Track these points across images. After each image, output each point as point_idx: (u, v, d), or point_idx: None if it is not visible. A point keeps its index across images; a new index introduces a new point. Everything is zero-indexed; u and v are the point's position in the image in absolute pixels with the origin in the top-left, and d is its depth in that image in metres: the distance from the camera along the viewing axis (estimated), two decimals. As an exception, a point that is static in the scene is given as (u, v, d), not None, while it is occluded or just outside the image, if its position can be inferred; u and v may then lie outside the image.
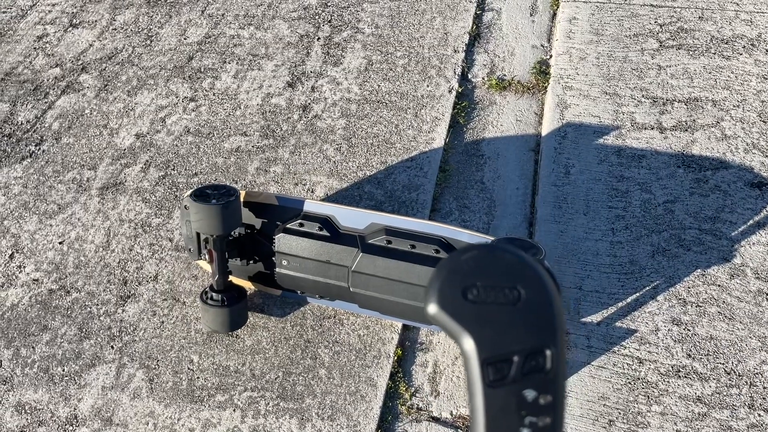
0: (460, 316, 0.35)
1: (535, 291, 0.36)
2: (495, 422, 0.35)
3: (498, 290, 0.36)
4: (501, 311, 0.35)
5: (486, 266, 0.36)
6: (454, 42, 2.02)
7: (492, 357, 0.35)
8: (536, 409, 0.35)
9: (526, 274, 0.36)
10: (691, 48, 1.92)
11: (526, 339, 0.35)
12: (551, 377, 0.35)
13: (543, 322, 0.35)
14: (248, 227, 1.39)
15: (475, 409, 0.35)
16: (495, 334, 0.35)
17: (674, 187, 1.59)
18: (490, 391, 0.35)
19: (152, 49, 2.11)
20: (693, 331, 1.36)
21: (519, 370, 0.35)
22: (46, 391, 1.36)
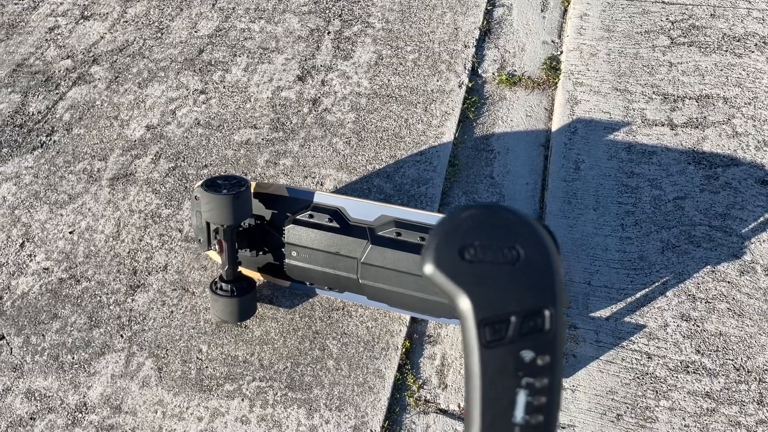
0: (457, 276, 0.35)
1: (534, 251, 0.35)
2: (491, 383, 0.34)
3: (496, 250, 0.35)
4: (499, 271, 0.34)
5: (484, 226, 0.35)
6: (464, 37, 2.02)
7: (489, 317, 0.34)
8: (534, 369, 0.34)
9: (526, 234, 0.35)
10: (703, 45, 1.91)
11: (525, 299, 0.34)
12: (550, 338, 0.34)
13: (542, 282, 0.35)
14: (258, 218, 1.40)
15: (471, 371, 0.35)
16: (492, 294, 0.34)
17: (684, 183, 1.58)
18: (487, 351, 0.34)
19: (163, 42, 2.12)
20: (702, 327, 1.35)
21: (517, 331, 0.34)
22: (55, 378, 1.37)
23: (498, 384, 0.34)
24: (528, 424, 0.34)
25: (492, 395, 0.34)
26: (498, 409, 0.34)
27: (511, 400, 0.34)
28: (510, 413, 0.34)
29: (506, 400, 0.34)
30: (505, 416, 0.34)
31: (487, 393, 0.34)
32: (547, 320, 0.34)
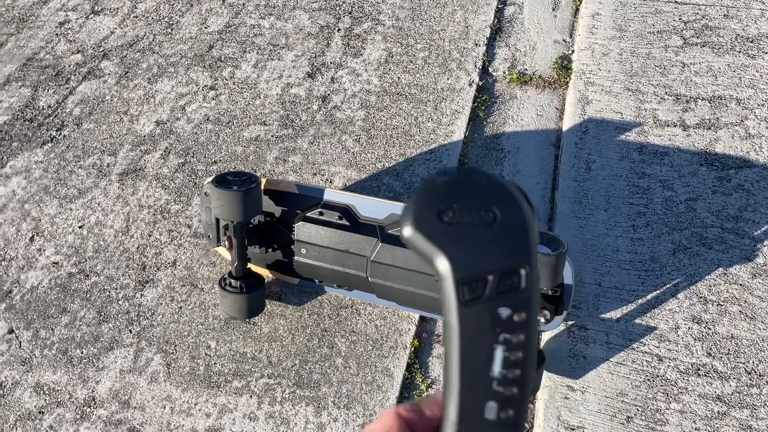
0: (436, 238, 0.36)
1: (510, 212, 0.36)
2: (470, 340, 0.35)
3: (473, 212, 0.36)
4: (476, 232, 0.35)
5: (462, 189, 0.36)
6: (475, 35, 2.01)
7: (467, 277, 0.35)
8: (510, 326, 0.35)
9: (502, 196, 0.36)
10: (716, 46, 1.90)
11: (501, 258, 0.35)
12: (525, 295, 0.35)
13: (518, 242, 0.35)
14: (268, 215, 1.39)
15: (450, 328, 0.36)
16: (470, 255, 0.35)
17: (696, 185, 1.57)
18: (465, 309, 0.35)
19: (173, 37, 2.12)
20: (713, 329, 1.34)
21: (494, 289, 0.35)
22: (64, 372, 1.37)
23: (476, 340, 0.35)
24: (505, 378, 0.35)
25: (470, 351, 0.35)
26: (476, 364, 0.35)
27: (488, 356, 0.35)
28: (488, 368, 0.35)
29: (484, 355, 0.35)
30: (483, 371, 0.35)
31: (465, 349, 0.35)
32: (523, 279, 0.35)
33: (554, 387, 1.28)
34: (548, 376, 1.29)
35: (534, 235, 0.36)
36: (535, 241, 0.36)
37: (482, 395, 0.35)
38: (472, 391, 0.35)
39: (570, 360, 1.31)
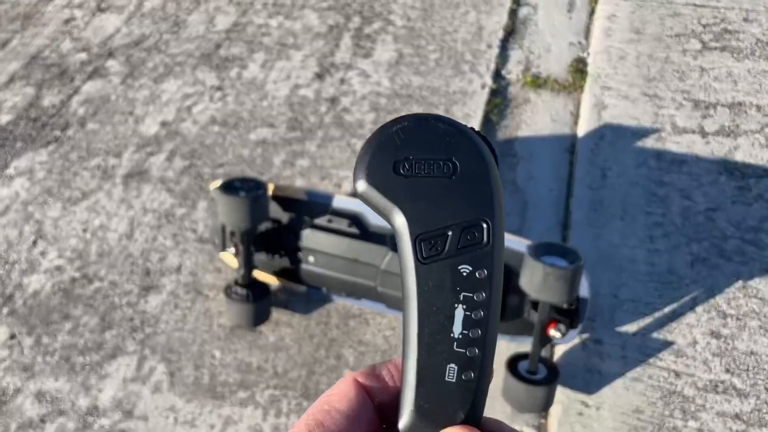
0: (391, 192, 0.33)
1: (470, 162, 0.33)
2: (429, 299, 0.33)
3: (431, 163, 0.33)
4: (434, 185, 0.33)
5: (418, 138, 0.33)
6: (488, 37, 1.97)
7: (425, 233, 0.33)
8: (472, 284, 0.33)
9: (462, 145, 0.33)
10: (736, 50, 1.85)
11: (462, 212, 0.33)
12: (487, 251, 0.33)
13: (479, 194, 0.33)
14: (275, 221, 1.36)
15: (407, 288, 0.33)
16: (428, 209, 0.33)
17: (716, 194, 1.53)
18: (423, 267, 0.33)
19: (179, 36, 2.09)
20: (732, 345, 1.31)
21: (454, 245, 0.33)
22: (66, 380, 1.34)
23: (435, 300, 0.32)
24: (466, 338, 0.33)
25: (429, 311, 0.32)
26: (435, 325, 0.32)
27: (449, 316, 0.32)
28: (448, 328, 0.32)
29: (444, 315, 0.32)
30: (443, 332, 0.32)
31: (424, 310, 0.32)
32: (485, 233, 0.33)
33: (568, 402, 1.25)
34: (562, 391, 1.25)
35: (497, 186, 0.33)
36: (498, 192, 0.33)
37: (442, 357, 0.33)
38: (431, 353, 0.33)
39: (584, 375, 1.28)
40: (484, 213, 0.33)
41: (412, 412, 0.33)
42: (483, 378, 0.33)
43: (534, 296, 1.14)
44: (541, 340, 1.17)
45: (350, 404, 0.34)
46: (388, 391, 0.35)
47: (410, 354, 0.33)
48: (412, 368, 0.33)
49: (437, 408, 0.33)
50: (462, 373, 0.33)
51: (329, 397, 0.34)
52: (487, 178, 0.33)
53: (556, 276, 1.09)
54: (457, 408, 0.33)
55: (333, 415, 0.33)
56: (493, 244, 0.33)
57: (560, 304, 1.16)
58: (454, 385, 0.33)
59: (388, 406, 0.35)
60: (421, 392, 0.33)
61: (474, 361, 0.33)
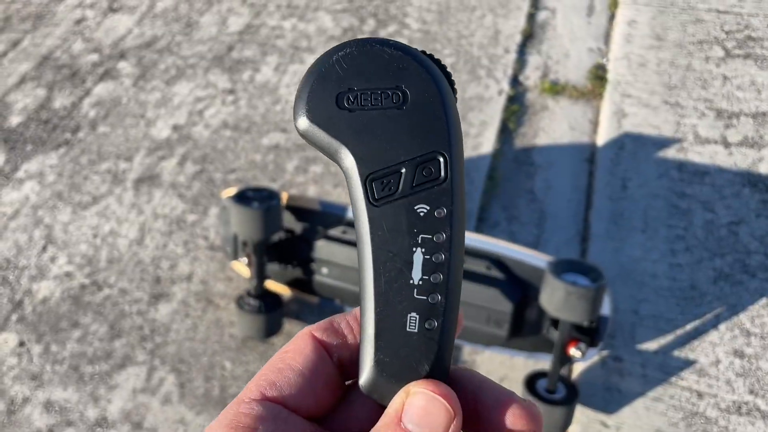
0: (335, 129, 0.30)
1: (422, 90, 0.30)
2: (384, 244, 0.30)
3: (378, 93, 0.30)
4: (383, 117, 0.30)
5: (363, 66, 0.30)
6: (505, 41, 1.93)
7: (376, 171, 0.30)
8: (430, 224, 0.30)
9: (412, 71, 0.30)
10: (759, 58, 1.80)
11: (415, 146, 0.30)
12: (446, 188, 0.30)
13: (433, 124, 0.30)
14: (288, 231, 1.34)
15: (361, 233, 0.30)
16: (378, 145, 0.30)
17: (739, 207, 1.49)
18: (376, 210, 0.30)
19: (191, 38, 2.06)
20: (756, 365, 1.27)
21: (408, 184, 0.30)
22: (75, 390, 1.32)
23: (391, 244, 0.30)
24: (427, 284, 0.30)
25: (385, 258, 0.30)
26: (392, 272, 0.30)
27: (407, 261, 0.30)
28: (406, 275, 0.30)
29: (401, 261, 0.30)
30: (401, 279, 0.30)
31: (379, 256, 0.30)
32: (441, 168, 0.30)
33: (587, 422, 1.21)
34: (581, 411, 1.22)
35: (452, 115, 0.30)
36: (454, 122, 0.30)
37: (401, 306, 0.30)
38: (389, 303, 0.30)
39: (604, 393, 1.24)
40: (439, 146, 0.30)
41: (372, 368, 0.31)
42: (448, 326, 0.31)
43: (554, 315, 1.11)
44: (561, 359, 1.14)
45: (306, 361, 0.31)
46: (347, 346, 0.32)
47: (367, 305, 0.31)
48: (370, 320, 0.31)
49: (399, 361, 0.31)
50: (424, 322, 0.30)
51: (283, 354, 0.31)
52: (441, 107, 0.30)
53: (578, 295, 1.06)
54: (421, 360, 0.31)
55: (287, 374, 0.31)
56: (451, 179, 0.30)
57: (581, 323, 1.13)
58: (416, 335, 0.30)
59: (349, 361, 0.32)
60: (381, 346, 0.31)
61: (436, 309, 0.30)
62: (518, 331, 1.22)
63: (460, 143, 0.31)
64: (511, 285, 1.19)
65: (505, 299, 1.18)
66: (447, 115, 0.30)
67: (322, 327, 0.32)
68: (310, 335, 0.32)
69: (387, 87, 0.30)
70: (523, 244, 1.43)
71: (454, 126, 0.30)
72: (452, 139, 0.30)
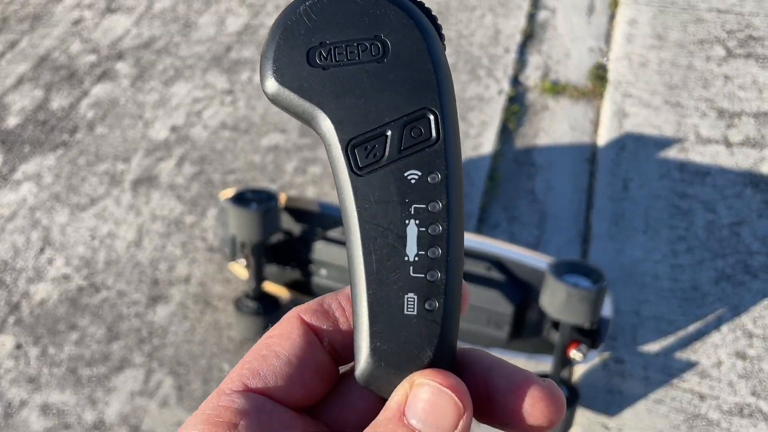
0: (308, 90, 0.26)
1: (405, 38, 0.26)
2: (372, 219, 0.27)
3: (355, 45, 0.26)
4: (362, 73, 0.26)
5: (334, 15, 0.26)
6: (505, 41, 1.93)
7: (358, 136, 0.26)
8: (424, 192, 0.27)
9: (391, 17, 0.26)
10: (761, 58, 1.79)
11: (400, 104, 0.26)
12: (438, 149, 0.26)
13: (419, 77, 0.26)
14: (287, 233, 1.33)
15: (346, 208, 0.27)
16: (358, 106, 0.26)
17: (741, 207, 1.48)
18: (361, 180, 0.27)
19: (190, 39, 2.05)
20: (758, 366, 1.26)
21: (395, 148, 0.27)
22: (73, 393, 1.31)
23: (380, 218, 0.27)
24: (424, 259, 0.27)
25: (374, 233, 0.27)
26: (384, 248, 0.27)
27: (399, 235, 0.27)
28: (400, 251, 0.27)
29: (393, 235, 0.27)
30: (395, 256, 0.27)
31: (368, 232, 0.27)
32: (432, 127, 0.26)
33: (588, 425, 1.21)
34: (582, 413, 1.21)
35: (441, 65, 0.27)
36: (444, 72, 0.27)
37: (397, 287, 0.27)
38: (383, 284, 0.27)
39: (605, 396, 1.23)
40: (428, 101, 0.26)
41: (369, 357, 0.27)
42: (451, 306, 0.27)
43: (555, 317, 1.10)
44: (561, 361, 1.13)
45: (293, 347, 0.28)
46: (339, 329, 0.29)
47: (359, 288, 0.27)
48: (363, 305, 0.27)
49: (399, 348, 0.27)
50: (424, 303, 0.27)
51: (268, 340, 0.28)
52: (428, 56, 0.26)
53: (579, 297, 1.05)
54: (423, 346, 0.27)
55: (271, 362, 0.28)
56: (444, 139, 0.26)
57: (582, 324, 1.12)
58: (415, 318, 0.27)
59: (342, 346, 0.29)
60: (377, 332, 0.27)
61: (437, 287, 0.27)
62: (519, 332, 1.21)
63: (452, 97, 0.27)
64: (511, 287, 1.18)
65: (506, 301, 1.17)
66: (435, 66, 0.27)
67: (311, 309, 0.29)
68: (297, 318, 0.29)
69: (364, 38, 0.26)
70: (523, 245, 1.42)
71: (444, 77, 0.27)
72: (443, 92, 0.27)
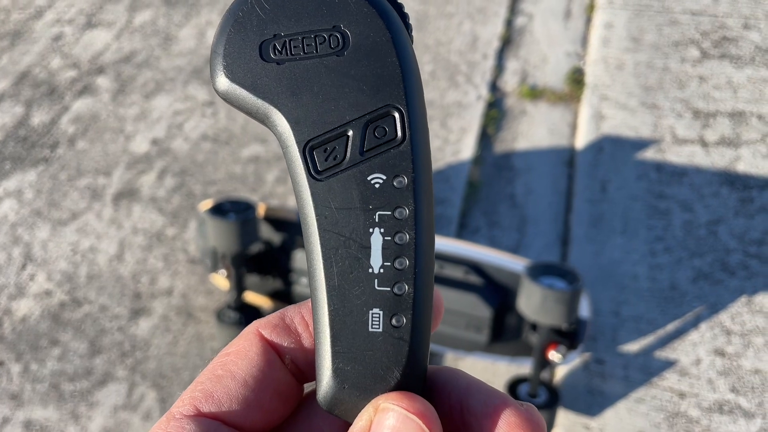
0: (262, 87, 0.24)
1: (366, 28, 0.24)
2: (333, 227, 0.25)
3: (312, 37, 0.24)
4: (320, 67, 0.24)
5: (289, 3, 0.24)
6: (483, 47, 1.94)
7: (316, 137, 0.24)
8: (389, 197, 0.24)
9: (351, 5, 0.24)
10: (735, 58, 1.82)
11: (362, 101, 0.24)
12: (404, 150, 0.24)
13: (383, 72, 0.24)
14: (267, 243, 1.33)
15: (305, 215, 0.25)
16: (316, 104, 0.24)
17: (718, 206, 1.50)
18: (321, 185, 0.24)
19: (170, 52, 2.06)
20: (737, 363, 1.27)
21: (357, 149, 0.25)
22: (56, 408, 1.31)
23: (342, 226, 0.25)
24: (390, 271, 0.25)
25: (335, 243, 0.25)
26: (346, 260, 0.25)
27: (363, 245, 0.25)
28: (364, 263, 0.25)
29: (356, 246, 0.25)
30: (357, 268, 0.25)
31: (328, 242, 0.25)
32: (397, 125, 0.24)
33: (569, 426, 1.21)
34: (563, 414, 1.22)
35: (408, 57, 0.25)
36: (411, 65, 0.25)
37: (361, 301, 0.25)
38: (345, 299, 0.25)
39: (586, 396, 1.24)
40: (392, 98, 0.24)
41: (331, 379, 0.25)
42: (420, 322, 0.25)
43: (532, 319, 1.10)
44: (541, 363, 1.14)
45: (250, 367, 0.26)
46: (302, 346, 0.27)
47: (319, 303, 0.25)
48: (324, 322, 0.25)
49: (363, 369, 0.25)
50: (390, 319, 0.25)
51: (224, 358, 0.26)
52: (392, 48, 0.24)
53: (554, 299, 1.06)
54: (390, 366, 0.25)
55: (226, 383, 0.26)
56: (411, 138, 0.24)
57: (559, 326, 1.13)
58: (381, 336, 0.25)
59: (305, 363, 0.27)
60: (340, 351, 0.25)
61: (404, 301, 0.25)
62: (499, 336, 1.21)
63: (419, 93, 0.25)
64: (489, 290, 1.19)
65: (484, 304, 1.18)
66: (400, 58, 0.24)
67: (271, 323, 0.27)
68: (256, 334, 0.27)
69: (322, 28, 0.24)
70: (504, 249, 1.43)
71: (410, 72, 0.25)
72: (408, 88, 0.24)
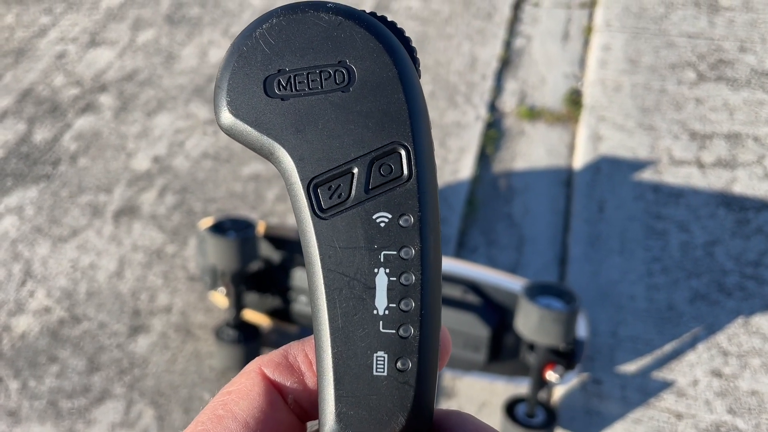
0: (266, 123, 0.24)
1: (373, 64, 0.24)
2: (337, 267, 0.24)
3: (317, 73, 0.24)
4: (325, 104, 0.24)
5: (294, 39, 0.24)
6: (482, 68, 1.97)
7: (321, 174, 0.24)
8: (395, 237, 0.24)
9: (357, 40, 0.24)
10: (731, 80, 1.84)
11: (367, 138, 0.24)
12: (410, 188, 0.24)
13: (389, 108, 0.24)
14: (266, 261, 1.34)
15: (309, 254, 0.25)
16: (320, 140, 0.24)
17: (714, 228, 1.51)
18: (325, 224, 0.24)
19: (172, 70, 2.08)
20: (734, 384, 1.27)
21: (363, 187, 0.24)
22: (53, 426, 1.31)
23: (346, 267, 0.24)
24: (396, 313, 0.24)
25: (339, 284, 0.24)
26: (351, 301, 0.24)
27: (367, 286, 0.24)
28: (368, 304, 0.24)
29: (360, 286, 0.24)
30: (362, 309, 0.24)
31: (332, 282, 0.24)
32: (403, 163, 0.24)
33: (568, 447, 1.21)
34: (561, 435, 1.22)
35: (416, 93, 0.24)
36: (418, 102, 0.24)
37: (365, 343, 0.25)
38: (350, 341, 0.24)
39: (584, 417, 1.24)
40: (398, 135, 0.24)
41: (335, 424, 0.25)
42: (426, 365, 0.25)
43: (530, 339, 1.11)
44: (538, 383, 1.14)
45: (251, 407, 0.25)
46: (306, 386, 0.26)
47: (323, 346, 0.25)
48: (328, 365, 0.25)
49: (367, 414, 0.25)
50: (396, 362, 0.25)
51: (226, 397, 0.26)
52: (398, 84, 0.24)
53: (552, 319, 1.06)
54: (395, 411, 0.25)
55: (227, 424, 0.25)
56: (417, 176, 0.24)
57: (557, 346, 1.13)
58: (385, 380, 0.25)
59: (309, 403, 0.26)
60: (343, 395, 0.25)
61: (410, 344, 0.24)
62: (496, 355, 1.22)
63: (426, 130, 0.25)
64: (487, 310, 1.20)
65: (482, 324, 1.18)
66: (407, 94, 0.24)
67: (274, 362, 0.27)
68: (259, 373, 0.27)
69: (327, 64, 0.24)
70: (502, 269, 1.44)
71: (418, 108, 0.24)
72: (415, 125, 0.24)
